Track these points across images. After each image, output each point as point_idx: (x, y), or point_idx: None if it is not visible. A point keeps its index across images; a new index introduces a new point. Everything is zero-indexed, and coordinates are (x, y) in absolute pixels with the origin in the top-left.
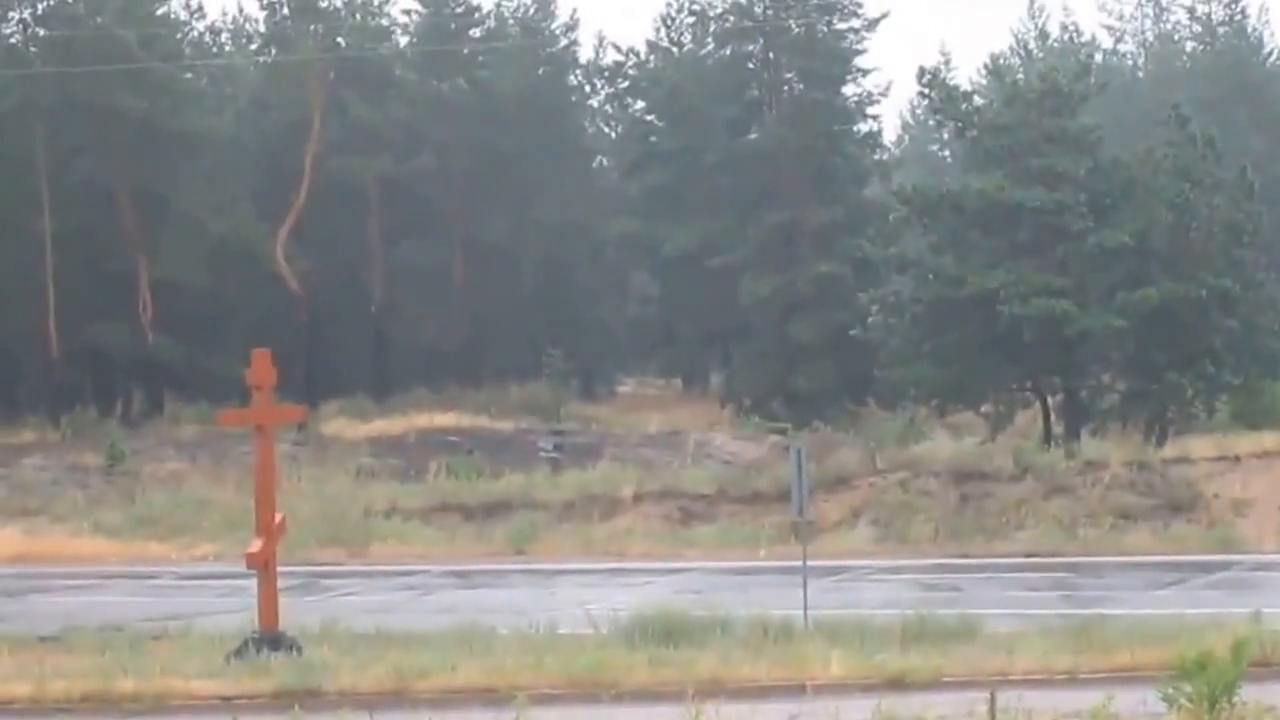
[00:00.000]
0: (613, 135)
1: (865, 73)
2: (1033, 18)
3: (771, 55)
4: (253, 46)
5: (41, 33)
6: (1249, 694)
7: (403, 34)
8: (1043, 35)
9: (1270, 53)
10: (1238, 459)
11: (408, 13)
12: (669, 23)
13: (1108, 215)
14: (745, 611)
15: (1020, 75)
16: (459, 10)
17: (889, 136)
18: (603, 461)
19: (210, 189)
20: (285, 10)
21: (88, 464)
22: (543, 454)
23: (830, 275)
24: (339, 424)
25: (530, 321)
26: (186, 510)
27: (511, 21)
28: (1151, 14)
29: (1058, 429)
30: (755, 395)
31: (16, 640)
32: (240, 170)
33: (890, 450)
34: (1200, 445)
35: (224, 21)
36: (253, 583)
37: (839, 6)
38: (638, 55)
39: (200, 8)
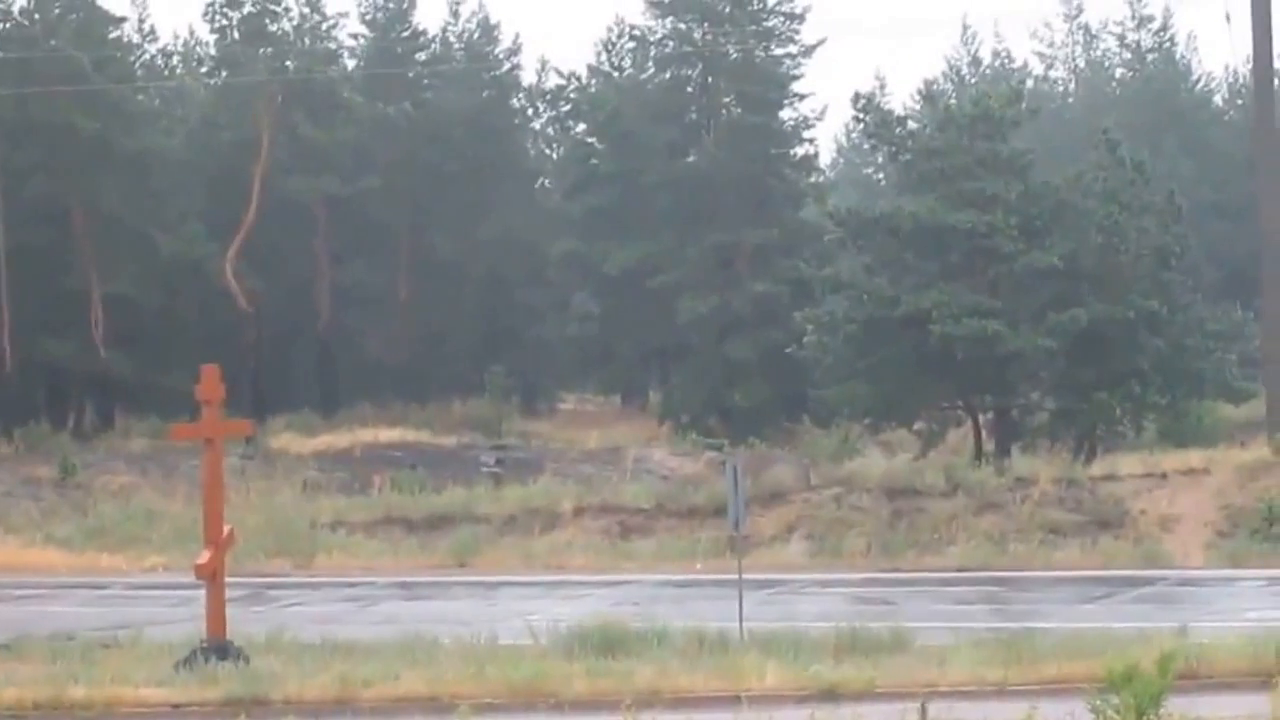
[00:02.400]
0: (555, 157)
1: (802, 97)
2: (965, 44)
3: (710, 80)
4: (203, 69)
5: None
6: (1175, 706)
7: (350, 57)
8: (975, 62)
9: (1198, 79)
10: (1164, 476)
11: (355, 36)
12: (610, 47)
13: (1038, 238)
14: (682, 623)
15: (953, 100)
16: (405, 34)
17: (825, 160)
18: (543, 476)
19: (161, 207)
20: (235, 34)
21: (40, 477)
22: (484, 469)
23: (766, 295)
24: (286, 438)
25: (474, 338)
26: (137, 522)
27: (457, 45)
28: (1082, 41)
29: (988, 446)
30: (693, 412)
31: None
32: (191, 189)
33: (824, 466)
34: (1128, 463)
35: (175, 44)
36: (201, 593)
37: (776, 33)
38: (579, 79)
39: (152, 31)
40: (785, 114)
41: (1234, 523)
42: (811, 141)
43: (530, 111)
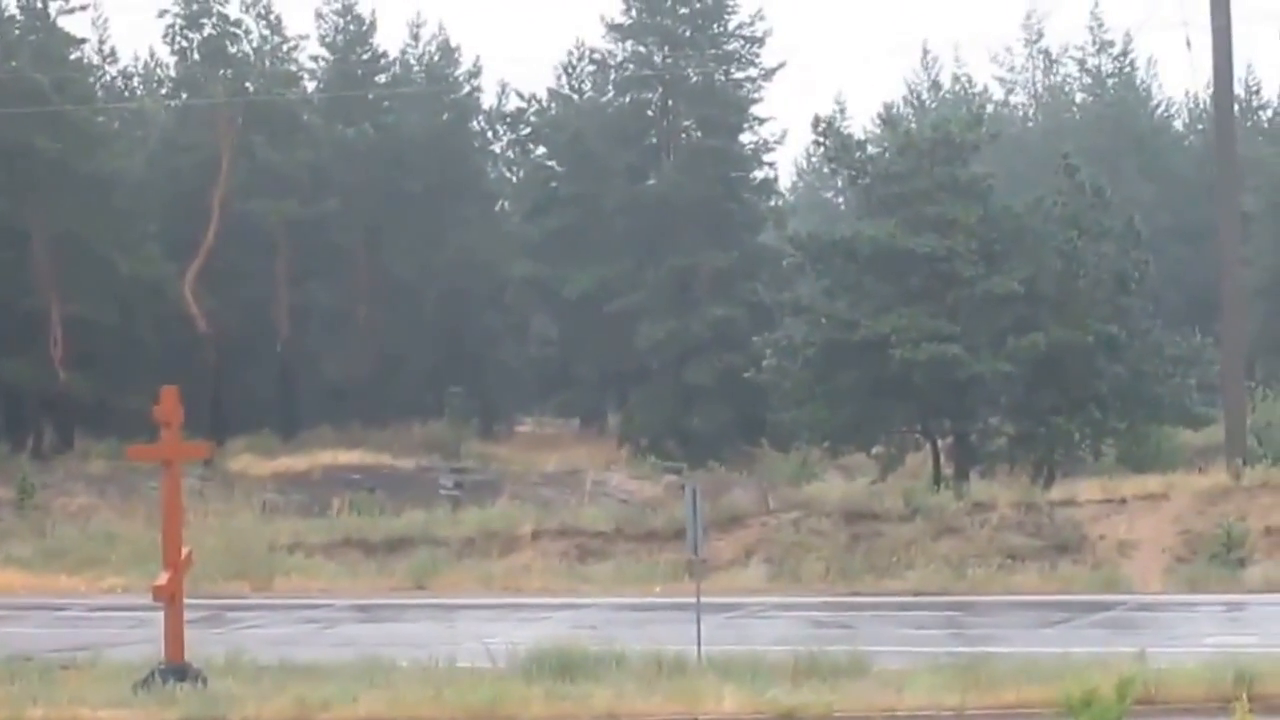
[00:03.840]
0: (515, 179)
1: (761, 121)
2: (926, 69)
3: (670, 103)
4: (163, 91)
5: None
6: None
7: (310, 79)
8: (935, 86)
9: (1158, 105)
10: (1123, 501)
11: (315, 59)
12: (570, 70)
13: (998, 262)
14: (640, 647)
15: (913, 125)
16: (365, 56)
17: (784, 183)
18: (502, 499)
19: (121, 229)
20: (196, 55)
21: None
22: (443, 491)
23: (725, 319)
24: (245, 460)
25: (433, 360)
26: (96, 544)
27: (417, 68)
28: (1043, 66)
29: (947, 471)
30: (652, 435)
31: None
32: (150, 211)
33: (783, 490)
34: (1087, 488)
35: (136, 66)
36: (160, 615)
37: (736, 56)
38: (540, 102)
39: (113, 52)
40: (745, 138)
41: (1193, 548)
42: (771, 165)
43: (490, 134)
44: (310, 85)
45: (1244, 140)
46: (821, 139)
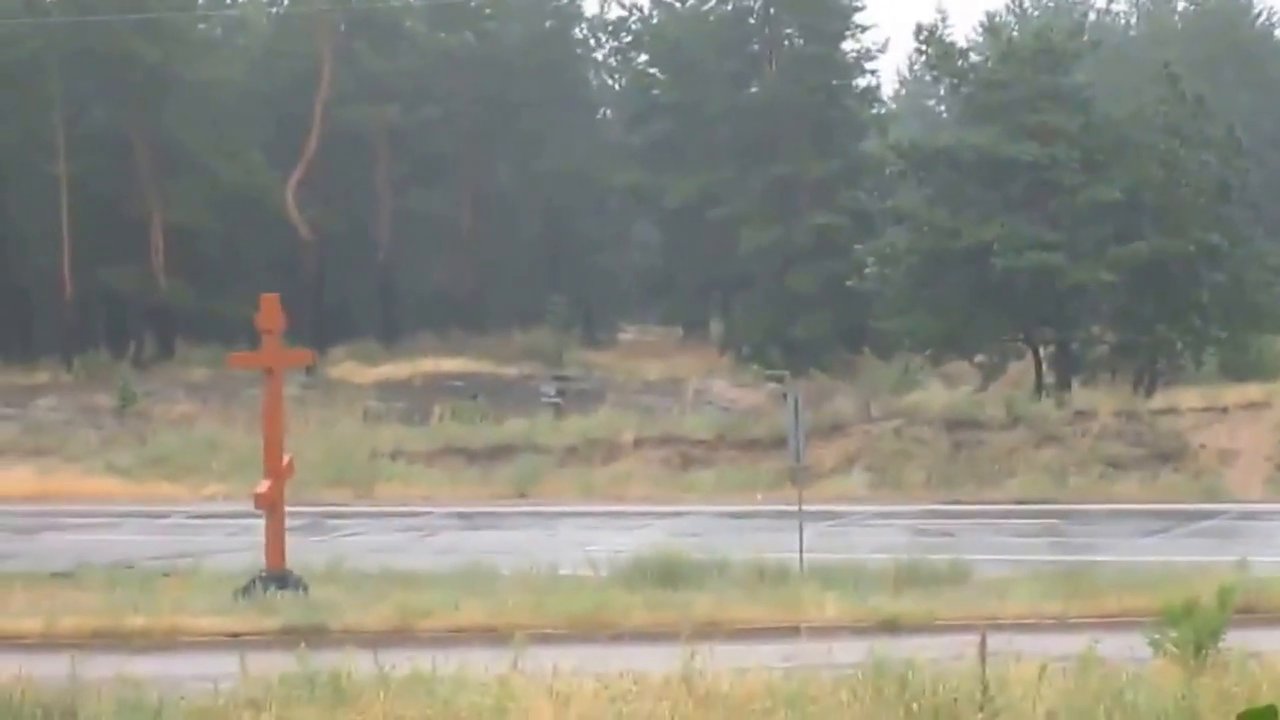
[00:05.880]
0: (616, 88)
1: (864, 29)
2: None
3: (772, 11)
4: None
5: None
6: (1233, 640)
7: None
8: None
9: (1259, 14)
10: (1224, 410)
11: None
12: None
13: (1099, 171)
14: (742, 555)
15: (1015, 33)
16: None
17: (886, 91)
18: (604, 407)
19: (223, 137)
20: None
21: (100, 405)
22: (545, 399)
23: (828, 227)
24: (346, 368)
25: (534, 269)
26: (196, 451)
27: None
28: None
29: (1049, 379)
30: (753, 343)
31: (29, 577)
32: (252, 119)
33: (885, 399)
34: (1188, 396)
35: None
36: (261, 522)
37: None
38: (641, 10)
39: None
40: (847, 45)
41: None
42: (873, 73)
43: (592, 42)
44: None
45: None
46: (924, 47)
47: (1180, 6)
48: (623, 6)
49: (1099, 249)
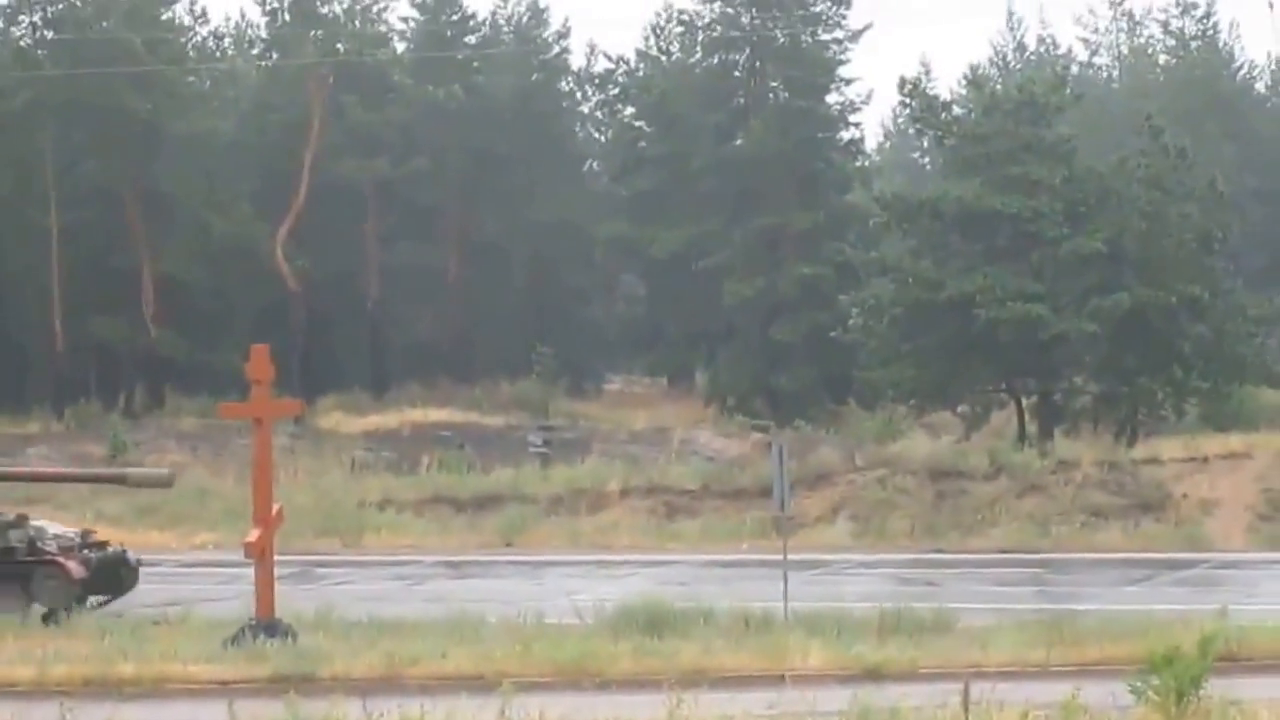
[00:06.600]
0: (603, 140)
1: (848, 82)
2: (1011, 30)
3: (758, 64)
4: (254, 51)
5: (50, 35)
6: (1215, 688)
7: (400, 40)
8: (1020, 47)
9: (1241, 66)
10: (1206, 460)
11: (405, 20)
12: (658, 32)
13: (1082, 222)
14: (727, 603)
15: (998, 86)
16: (455, 17)
17: (870, 144)
18: (590, 457)
19: (213, 188)
20: (286, 16)
21: (91, 454)
22: (532, 449)
23: (812, 278)
24: (335, 418)
25: (521, 320)
26: (187, 500)
27: (506, 29)
28: (1126, 28)
29: (1032, 429)
30: (739, 394)
31: (19, 624)
32: (241, 171)
33: (869, 448)
34: (1169, 446)
35: (227, 26)
36: (250, 571)
37: (823, 18)
38: (628, 63)
39: (204, 13)
40: (832, 98)
41: (1275, 506)
42: (857, 126)
43: (578, 95)
44: (400, 46)
45: None
46: (908, 100)
47: (1162, 60)
48: (609, 60)
49: (1081, 300)
